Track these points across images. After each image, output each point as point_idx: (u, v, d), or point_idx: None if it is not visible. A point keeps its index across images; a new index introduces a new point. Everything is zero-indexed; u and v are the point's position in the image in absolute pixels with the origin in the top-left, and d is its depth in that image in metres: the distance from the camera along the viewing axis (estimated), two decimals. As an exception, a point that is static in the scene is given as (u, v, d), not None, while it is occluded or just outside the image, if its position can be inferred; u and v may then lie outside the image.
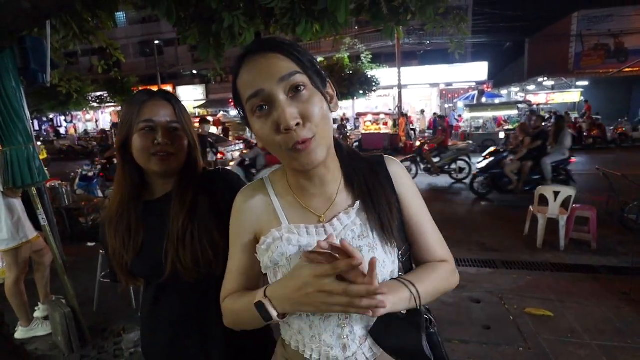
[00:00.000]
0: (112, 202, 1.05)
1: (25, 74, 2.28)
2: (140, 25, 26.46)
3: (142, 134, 0.98)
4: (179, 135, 1.02)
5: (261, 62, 0.67)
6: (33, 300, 3.00)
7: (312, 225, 0.78)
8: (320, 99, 0.69)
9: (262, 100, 0.67)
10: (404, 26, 2.72)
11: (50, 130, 25.99)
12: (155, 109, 0.99)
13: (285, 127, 0.64)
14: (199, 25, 2.74)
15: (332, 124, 0.74)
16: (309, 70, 0.69)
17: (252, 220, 0.82)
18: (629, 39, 18.82)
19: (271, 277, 0.80)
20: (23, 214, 2.79)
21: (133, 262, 1.01)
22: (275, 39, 0.70)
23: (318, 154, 0.69)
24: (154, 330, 1.08)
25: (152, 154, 0.98)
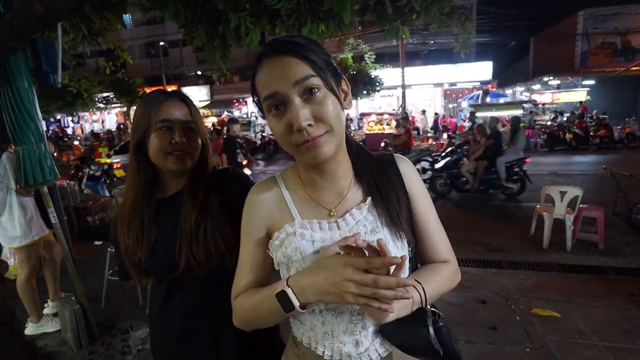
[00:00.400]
0: (125, 201, 1.07)
1: (37, 75, 2.32)
2: (146, 26, 26.62)
3: (160, 133, 1.01)
4: (194, 135, 1.05)
5: (277, 65, 0.70)
6: (42, 297, 3.05)
7: (324, 220, 0.80)
8: (333, 100, 0.71)
9: (277, 101, 0.70)
10: (408, 26, 2.73)
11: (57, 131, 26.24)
12: (171, 109, 1.03)
13: (297, 127, 0.68)
14: (205, 26, 2.76)
15: (345, 121, 0.76)
16: (323, 71, 0.71)
17: (264, 217, 0.84)
18: (636, 37, 18.61)
19: (284, 272, 0.82)
20: (35, 212, 2.84)
21: (147, 259, 1.03)
22: (292, 41, 0.71)
23: (326, 148, 0.71)
24: (164, 326, 1.10)
25: (168, 152, 1.01)
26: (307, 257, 0.76)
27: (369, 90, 18.27)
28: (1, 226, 2.72)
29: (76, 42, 3.11)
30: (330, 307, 0.77)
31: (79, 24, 2.93)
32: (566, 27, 20.44)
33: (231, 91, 25.29)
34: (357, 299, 0.64)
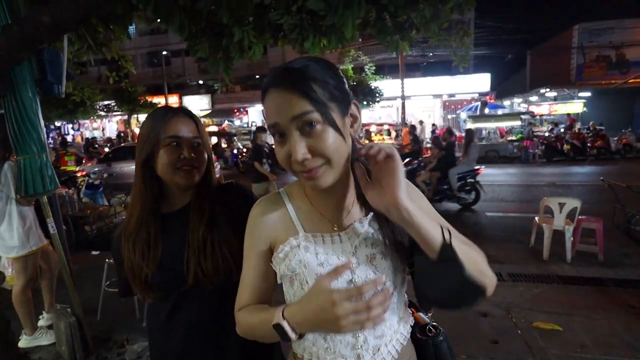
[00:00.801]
0: (130, 216, 1.08)
1: (42, 85, 2.34)
2: (149, 36, 26.89)
3: (169, 149, 1.03)
4: (200, 150, 1.07)
5: (278, 98, 0.71)
6: (38, 308, 3.02)
7: (327, 234, 0.81)
8: (331, 134, 0.71)
9: (278, 131, 0.73)
10: (408, 41, 2.77)
11: (57, 138, 26.27)
12: (179, 125, 1.05)
13: (294, 161, 0.71)
14: (209, 39, 2.80)
15: (346, 149, 0.75)
16: (324, 105, 0.70)
17: (268, 231, 0.84)
18: (631, 51, 18.92)
19: (287, 286, 0.83)
20: (35, 222, 2.83)
21: (154, 275, 1.03)
22: (296, 71, 0.71)
23: (324, 180, 0.73)
24: (168, 340, 1.09)
25: (177, 167, 1.03)
26: (311, 270, 0.77)
27: (369, 101, 18.42)
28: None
29: (81, 52, 3.14)
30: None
31: (85, 34, 2.97)
32: (562, 40, 20.76)
33: (232, 101, 25.46)
34: (354, 327, 0.65)
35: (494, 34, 20.02)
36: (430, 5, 2.42)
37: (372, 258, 0.79)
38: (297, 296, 0.81)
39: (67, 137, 26.54)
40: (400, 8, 2.36)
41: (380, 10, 2.50)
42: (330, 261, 0.78)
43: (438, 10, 2.47)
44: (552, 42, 22.18)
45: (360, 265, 0.78)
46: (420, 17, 2.48)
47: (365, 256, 0.79)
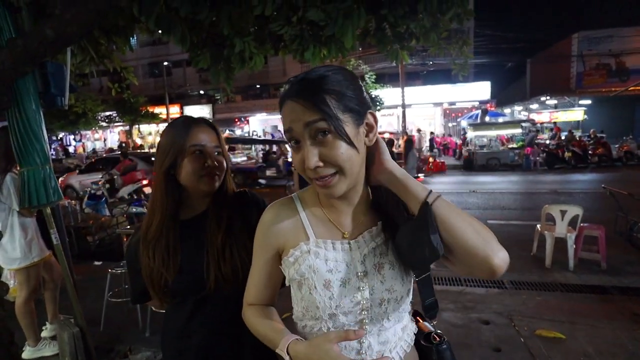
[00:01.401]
0: (149, 223, 1.11)
1: (45, 98, 2.37)
2: (150, 47, 27.18)
3: (193, 157, 1.08)
4: (221, 158, 1.14)
5: (293, 107, 0.74)
6: (41, 319, 3.01)
7: (338, 241, 0.83)
8: (342, 144, 0.72)
9: (293, 137, 0.76)
10: (408, 50, 2.81)
11: (59, 149, 26.42)
12: (202, 134, 1.11)
13: (307, 167, 0.74)
14: (210, 50, 2.84)
15: (359, 159, 0.77)
16: (337, 116, 0.72)
17: (278, 235, 0.86)
18: (630, 59, 19.01)
19: (294, 289, 0.85)
20: (36, 233, 2.83)
21: (174, 280, 1.06)
22: (310, 85, 0.73)
23: (337, 189, 0.76)
24: (187, 344, 1.10)
25: (201, 175, 1.09)
26: (320, 276, 0.79)
27: (369, 110, 18.48)
28: (1, 247, 2.71)
29: (84, 64, 3.19)
30: (338, 324, 0.80)
31: (87, 46, 3.01)
32: (561, 48, 20.89)
33: (233, 110, 25.61)
34: None
35: (494, 42, 20.19)
36: (430, 15, 2.46)
37: (381, 267, 0.81)
38: (304, 300, 0.82)
39: (69, 148, 26.71)
40: (400, 18, 2.40)
41: (380, 21, 2.54)
42: (339, 268, 0.80)
43: (437, 20, 2.51)
44: (551, 50, 22.33)
45: (368, 273, 0.80)
46: (419, 27, 2.52)
47: (373, 265, 0.81)
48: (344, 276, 0.79)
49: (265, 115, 25.07)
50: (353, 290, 0.79)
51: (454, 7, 2.31)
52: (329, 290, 0.79)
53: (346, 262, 0.80)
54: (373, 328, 0.81)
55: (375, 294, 0.80)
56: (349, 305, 0.79)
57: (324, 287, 0.79)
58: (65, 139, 27.88)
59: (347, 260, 0.81)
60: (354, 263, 0.80)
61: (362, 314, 0.79)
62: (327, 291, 0.79)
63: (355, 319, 0.80)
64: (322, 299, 0.79)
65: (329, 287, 0.79)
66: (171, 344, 1.15)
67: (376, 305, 0.80)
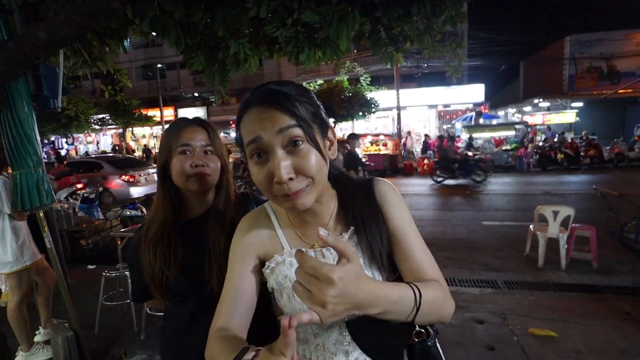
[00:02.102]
0: (152, 223, 1.12)
1: (38, 100, 2.36)
2: (144, 49, 27.05)
3: (181, 157, 1.09)
4: (212, 157, 1.13)
5: (262, 113, 0.70)
6: (34, 324, 2.98)
7: (311, 250, 0.83)
8: (315, 153, 0.71)
9: (260, 147, 0.70)
10: (402, 52, 2.83)
11: (51, 153, 26.15)
12: (191, 134, 1.11)
13: (278, 181, 0.68)
14: (205, 52, 2.84)
15: (327, 170, 0.76)
16: (308, 123, 0.71)
17: (257, 244, 0.86)
18: (621, 62, 19.28)
19: (278, 297, 0.85)
20: (28, 236, 2.81)
21: (176, 279, 1.07)
22: (280, 92, 0.71)
23: (306, 200, 0.72)
24: (186, 345, 1.10)
25: (189, 175, 1.08)
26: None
27: (364, 112, 18.55)
28: None
29: (77, 66, 3.17)
30: (323, 328, 0.81)
31: (80, 49, 3.00)
32: (554, 51, 21.11)
33: (228, 113, 25.53)
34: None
35: (487, 45, 20.36)
36: (424, 18, 2.48)
37: None
38: (286, 306, 0.82)
39: (61, 151, 26.45)
40: (394, 21, 2.42)
41: (374, 23, 2.55)
42: None
43: (431, 23, 2.53)
44: (544, 52, 22.57)
45: None
46: (413, 29, 2.54)
47: None
48: None
49: (260, 118, 25.01)
50: None
51: (447, 9, 2.33)
52: None
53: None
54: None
55: None
56: None
57: None
58: (57, 142, 27.62)
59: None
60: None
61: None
62: None
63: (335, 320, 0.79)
64: (301, 306, 0.79)
65: None
66: (171, 342, 1.15)
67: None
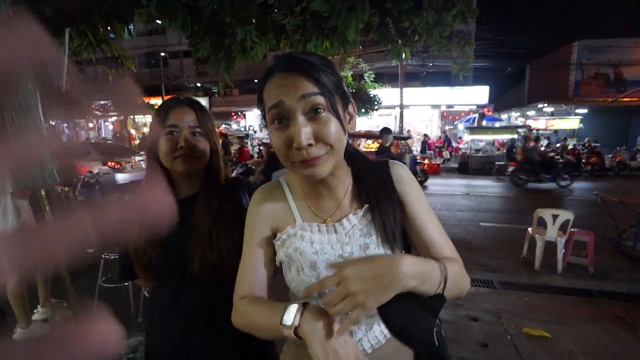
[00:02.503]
0: None
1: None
2: (147, 37, 26.92)
3: (167, 138, 1.08)
4: (199, 139, 1.10)
5: (286, 78, 0.72)
6: (33, 303, 2.99)
7: (323, 224, 0.84)
8: (335, 122, 0.73)
9: (281, 112, 0.72)
10: (410, 47, 2.82)
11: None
12: (179, 114, 1.09)
13: (298, 146, 0.70)
14: (211, 38, 2.83)
15: (345, 141, 0.78)
16: (330, 92, 0.73)
17: (269, 216, 0.88)
18: (628, 70, 19.18)
19: (285, 269, 0.86)
20: (30, 216, 2.81)
21: (158, 258, 1.06)
22: (305, 59, 0.73)
23: (323, 170, 0.74)
24: (169, 324, 1.11)
25: (174, 156, 1.07)
26: (306, 258, 0.81)
27: (367, 109, 18.51)
28: None
29: (81, 48, 3.16)
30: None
31: (85, 30, 2.99)
32: (561, 56, 21.01)
33: (230, 104, 25.48)
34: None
35: (494, 46, 20.27)
36: (434, 12, 2.47)
37: (366, 248, 0.82)
38: (294, 280, 0.84)
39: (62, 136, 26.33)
40: (404, 13, 2.41)
41: (383, 16, 2.54)
42: (324, 250, 0.81)
43: (441, 17, 2.52)
44: (551, 57, 22.46)
45: (353, 254, 0.81)
46: (423, 23, 2.53)
47: (359, 246, 0.82)
48: (329, 257, 0.81)
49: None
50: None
51: (459, 4, 2.32)
52: (316, 271, 0.80)
53: (331, 244, 0.81)
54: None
55: None
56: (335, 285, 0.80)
57: (310, 268, 0.81)
58: (57, 127, 27.52)
59: (333, 242, 0.81)
60: (339, 245, 0.81)
61: None
62: (314, 272, 0.81)
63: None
64: (310, 279, 0.81)
65: (315, 268, 0.81)
66: (156, 321, 1.16)
67: None
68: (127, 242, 1.10)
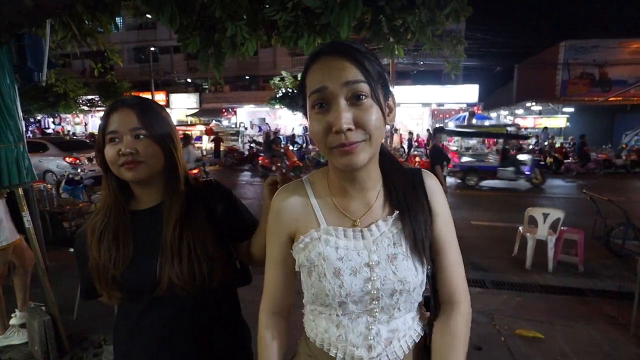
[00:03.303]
0: (97, 213, 1.02)
1: (21, 72, 2.24)
2: (137, 31, 26.46)
3: (110, 146, 0.97)
4: (145, 142, 0.97)
5: (331, 63, 0.70)
6: (10, 306, 2.88)
7: (350, 229, 0.80)
8: (377, 110, 0.71)
9: (323, 97, 0.70)
10: (403, 45, 2.77)
11: (37, 132, 25.53)
12: (119, 118, 0.97)
13: (337, 129, 0.68)
14: (200, 33, 2.74)
15: (384, 132, 0.76)
16: (374, 81, 0.71)
17: (290, 220, 0.83)
18: (613, 70, 19.56)
19: (304, 275, 0.82)
20: (6, 215, 2.69)
21: (124, 276, 0.96)
22: (352, 46, 0.72)
23: (360, 158, 0.70)
24: (134, 347, 1.02)
25: (119, 164, 0.96)
26: (329, 264, 0.76)
27: (357, 107, 18.47)
28: None
29: (65, 41, 3.03)
30: (347, 311, 0.78)
31: (70, 22, 2.86)
32: (548, 56, 21.30)
33: (220, 100, 25.21)
34: None
35: (484, 46, 20.42)
36: (427, 10, 2.42)
37: (394, 258, 0.77)
38: (314, 287, 0.79)
39: (47, 131, 25.84)
40: (397, 11, 2.35)
41: (376, 13, 2.48)
42: (349, 256, 0.77)
43: (434, 16, 2.47)
44: (539, 57, 22.75)
45: (380, 263, 0.77)
46: (416, 21, 2.48)
47: (386, 255, 0.77)
48: (355, 265, 0.77)
49: (253, 107, 24.76)
50: (363, 280, 0.76)
51: (453, 2, 2.28)
52: (339, 278, 0.76)
53: (357, 251, 0.77)
54: (383, 316, 0.79)
55: (386, 285, 0.76)
56: (359, 295, 0.76)
57: (333, 275, 0.76)
58: (43, 122, 26.94)
59: (359, 248, 0.78)
60: (366, 252, 0.77)
61: (373, 303, 0.77)
62: (337, 279, 0.76)
63: (365, 307, 0.78)
64: (332, 287, 0.76)
65: (339, 275, 0.76)
66: (122, 341, 1.07)
67: (387, 296, 0.77)
68: (85, 257, 1.00)
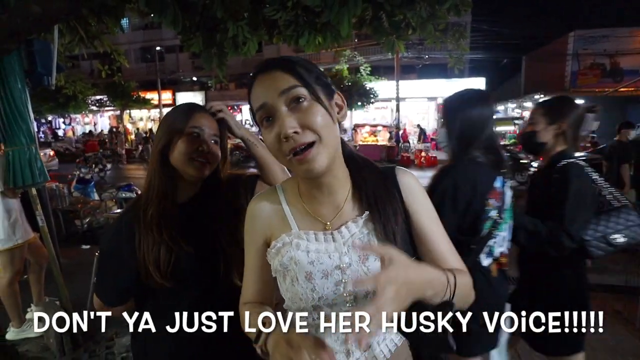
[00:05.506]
0: (148, 203, 1.05)
1: (31, 77, 2.31)
2: (142, 31, 26.66)
3: (189, 138, 1.06)
4: (217, 148, 1.12)
5: (266, 79, 0.73)
6: (26, 301, 2.98)
7: (320, 232, 0.80)
8: (320, 109, 0.72)
9: (267, 112, 0.72)
10: (404, 40, 2.78)
11: (48, 132, 25.97)
12: (203, 120, 1.10)
13: (284, 135, 0.69)
14: (203, 34, 2.78)
15: (338, 133, 0.76)
16: (310, 83, 0.72)
17: (264, 225, 0.85)
18: (625, 59, 19.11)
19: (280, 280, 0.83)
20: (21, 214, 2.78)
21: (187, 257, 1.02)
22: (282, 57, 0.75)
23: (318, 163, 0.71)
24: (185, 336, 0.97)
25: (192, 158, 1.05)
26: (301, 267, 0.77)
27: (363, 102, 18.43)
28: None
29: (73, 44, 3.10)
30: (324, 317, 0.78)
31: (76, 26, 2.93)
32: (557, 47, 20.90)
33: (226, 98, 25.30)
34: None
35: (490, 38, 20.18)
36: (427, 5, 2.43)
37: (365, 259, 0.77)
38: (289, 291, 0.81)
39: (58, 131, 26.26)
40: (397, 7, 2.37)
41: (376, 9, 2.50)
42: (321, 259, 0.77)
43: (435, 10, 2.48)
44: (547, 48, 22.36)
45: (351, 265, 0.77)
46: (416, 17, 2.49)
47: (357, 256, 0.77)
48: (326, 268, 0.77)
49: (259, 105, 24.81)
50: (335, 283, 0.77)
51: (452, -3, 2.29)
52: (311, 282, 0.77)
53: (328, 254, 0.77)
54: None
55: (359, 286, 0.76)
56: (331, 297, 0.77)
57: (305, 279, 0.77)
58: (54, 122, 27.38)
59: (330, 251, 0.77)
60: (337, 255, 0.77)
61: (347, 306, 0.77)
62: (308, 283, 0.77)
63: (340, 310, 0.77)
64: (305, 290, 0.77)
65: (311, 279, 0.76)
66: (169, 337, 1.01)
67: (362, 298, 0.77)
68: (139, 247, 1.02)
